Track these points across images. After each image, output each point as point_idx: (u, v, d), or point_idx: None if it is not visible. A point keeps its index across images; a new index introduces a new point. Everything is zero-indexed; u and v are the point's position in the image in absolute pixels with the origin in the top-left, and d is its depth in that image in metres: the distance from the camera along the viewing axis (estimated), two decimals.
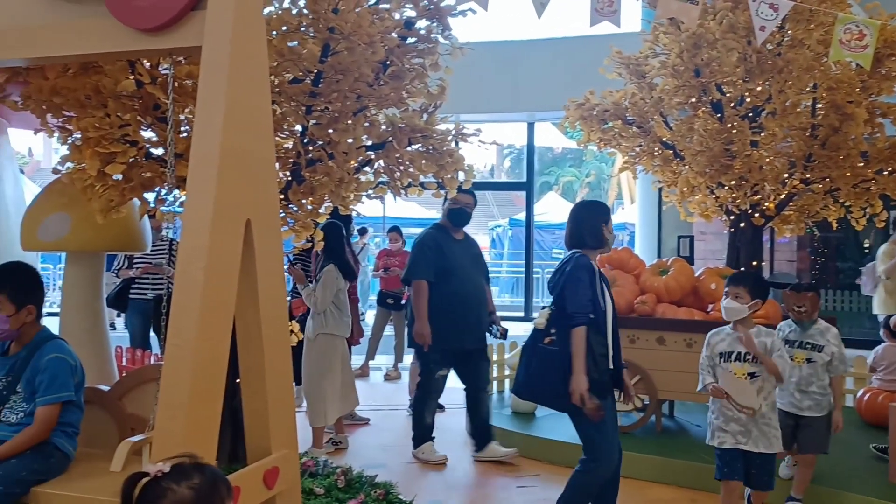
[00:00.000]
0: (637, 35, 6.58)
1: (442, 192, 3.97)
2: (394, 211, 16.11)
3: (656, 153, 6.27)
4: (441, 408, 6.00)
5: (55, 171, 3.54)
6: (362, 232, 12.32)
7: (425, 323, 5.01)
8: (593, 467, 3.57)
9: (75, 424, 2.72)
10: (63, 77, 3.09)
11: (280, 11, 3.36)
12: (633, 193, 12.59)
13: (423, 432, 5.26)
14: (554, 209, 21.77)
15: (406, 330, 5.30)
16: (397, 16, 3.68)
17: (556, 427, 5.36)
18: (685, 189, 6.16)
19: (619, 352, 3.67)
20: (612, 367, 3.59)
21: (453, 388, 5.56)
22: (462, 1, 3.86)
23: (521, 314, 13.30)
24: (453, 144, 3.97)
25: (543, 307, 3.74)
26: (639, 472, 4.76)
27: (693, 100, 5.89)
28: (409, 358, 8.63)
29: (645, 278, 5.65)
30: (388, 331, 8.44)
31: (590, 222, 3.66)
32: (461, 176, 3.97)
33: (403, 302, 7.72)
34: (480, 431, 5.28)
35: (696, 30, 5.43)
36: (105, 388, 3.01)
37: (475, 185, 4.81)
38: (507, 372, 6.99)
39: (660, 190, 7.62)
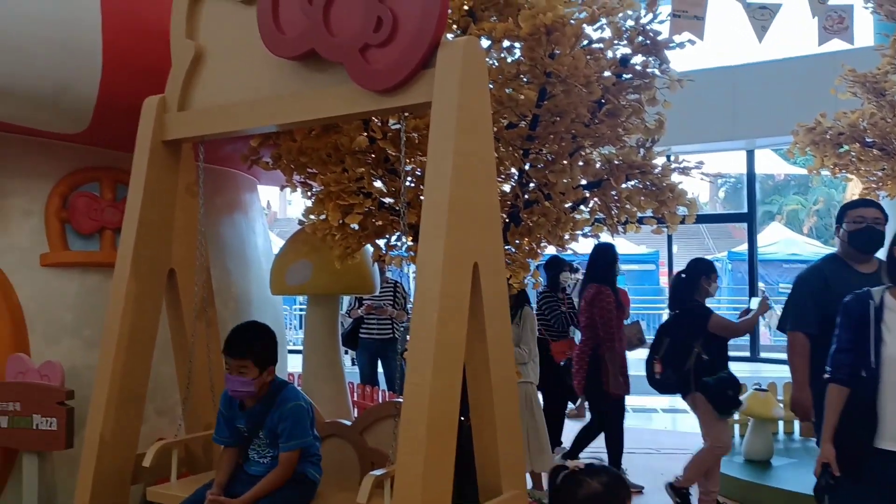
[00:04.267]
0: (870, 50, 6.04)
1: (662, 228, 3.85)
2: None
3: None
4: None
5: (300, 222, 3.91)
6: (573, 270, 12.24)
7: (804, 388, 3.68)
8: None
9: (317, 453, 2.96)
10: (308, 138, 3.43)
11: (497, 62, 3.49)
12: None
13: None
14: (779, 241, 20.30)
15: None
16: (610, 54, 3.66)
17: (793, 477, 4.93)
18: None
19: None
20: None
21: (671, 430, 5.30)
22: (677, 33, 3.78)
23: (747, 353, 12.44)
24: (672, 178, 3.85)
25: None
26: None
27: None
28: None
29: None
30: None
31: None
32: (682, 210, 3.84)
33: None
34: None
35: None
36: (347, 422, 3.24)
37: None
38: (735, 416, 6.55)
39: None
